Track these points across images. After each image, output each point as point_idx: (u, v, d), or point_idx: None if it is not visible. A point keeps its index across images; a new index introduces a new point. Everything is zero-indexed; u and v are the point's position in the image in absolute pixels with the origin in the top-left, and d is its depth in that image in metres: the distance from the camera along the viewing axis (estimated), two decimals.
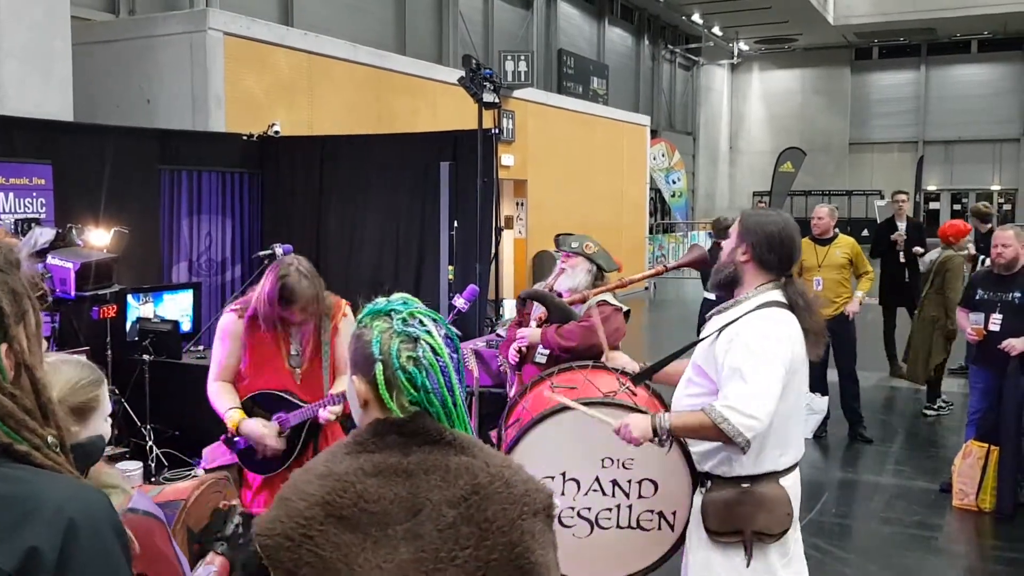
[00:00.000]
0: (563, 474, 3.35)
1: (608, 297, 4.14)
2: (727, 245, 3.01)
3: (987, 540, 5.39)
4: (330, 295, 3.61)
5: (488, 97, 7.01)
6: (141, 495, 1.77)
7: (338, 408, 3.46)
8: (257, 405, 3.54)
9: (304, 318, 3.49)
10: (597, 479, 3.32)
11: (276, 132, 8.85)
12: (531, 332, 4.23)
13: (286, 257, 3.54)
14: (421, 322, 1.59)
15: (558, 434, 3.37)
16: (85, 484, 1.15)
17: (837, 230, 7.34)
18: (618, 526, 3.34)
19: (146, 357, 6.09)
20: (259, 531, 1.50)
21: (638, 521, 3.30)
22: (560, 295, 4.28)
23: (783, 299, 2.89)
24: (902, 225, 9.20)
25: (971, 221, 9.49)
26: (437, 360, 1.57)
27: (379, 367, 1.55)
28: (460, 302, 4.64)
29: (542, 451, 3.36)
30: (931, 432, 7.59)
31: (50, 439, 1.12)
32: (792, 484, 2.93)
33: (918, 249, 9.02)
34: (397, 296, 1.66)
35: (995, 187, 32.99)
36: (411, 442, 1.54)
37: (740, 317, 2.83)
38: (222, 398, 3.54)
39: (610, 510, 3.33)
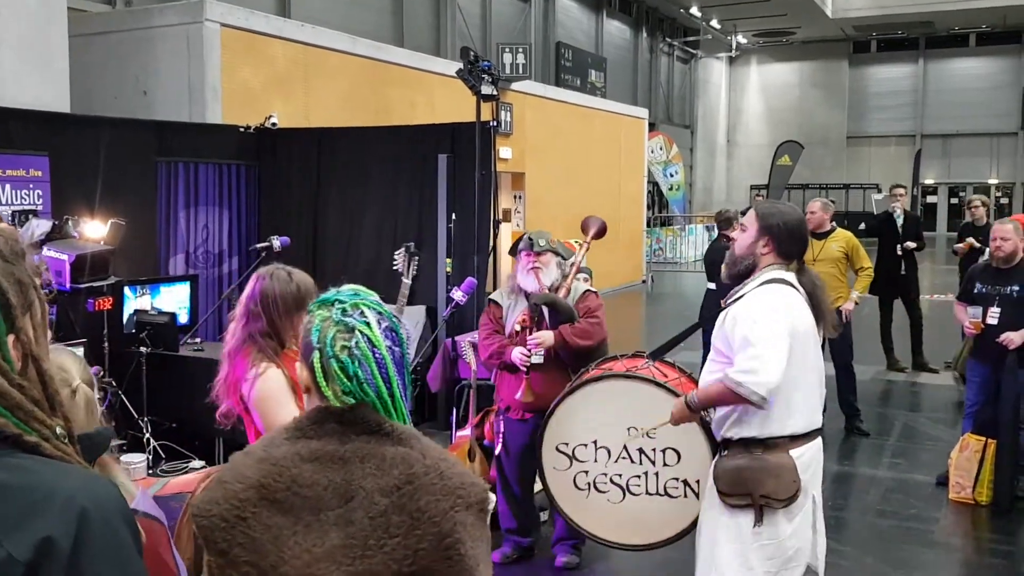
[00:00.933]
0: (595, 442, 3.74)
1: (586, 286, 4.53)
2: (744, 238, 3.18)
3: (983, 533, 5.41)
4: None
5: (486, 89, 6.98)
6: (143, 495, 1.76)
7: None
8: None
9: None
10: (625, 447, 3.65)
11: (273, 124, 8.83)
12: (545, 336, 4.32)
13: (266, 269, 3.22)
14: (362, 313, 1.61)
15: (587, 404, 3.78)
16: (95, 474, 1.15)
17: (834, 224, 7.32)
18: (647, 492, 3.65)
19: (143, 349, 6.08)
20: (195, 511, 1.51)
21: (665, 488, 3.63)
22: (550, 292, 4.42)
23: (786, 276, 3.10)
24: (900, 219, 9.20)
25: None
26: (372, 352, 1.58)
27: (316, 355, 1.58)
28: (458, 294, 4.65)
29: (575, 420, 3.80)
30: (928, 425, 7.60)
31: (58, 430, 1.12)
32: (802, 454, 3.07)
33: (909, 244, 9.03)
34: (348, 287, 1.69)
35: (992, 181, 33.02)
36: (350, 431, 1.56)
37: (744, 295, 3.07)
38: None
39: (639, 477, 3.64)
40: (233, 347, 2.89)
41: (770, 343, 2.92)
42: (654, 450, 3.60)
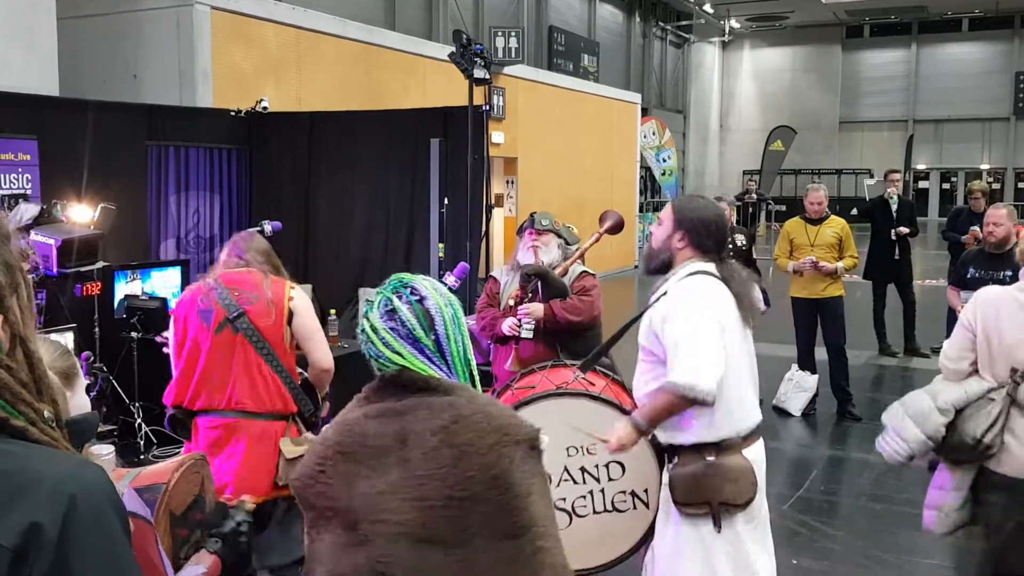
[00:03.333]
0: None
1: (585, 267, 4.49)
2: (659, 232, 3.13)
3: None
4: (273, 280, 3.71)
5: (479, 73, 6.95)
6: (131, 495, 1.74)
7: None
8: None
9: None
10: (566, 468, 3.41)
11: (264, 108, 8.78)
12: (534, 308, 4.29)
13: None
14: (373, 304, 1.86)
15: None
16: (84, 459, 1.14)
17: (828, 210, 7.36)
18: (595, 511, 3.44)
19: (134, 335, 6.05)
20: (294, 476, 1.81)
21: (613, 503, 3.41)
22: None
23: (708, 268, 3.03)
24: (894, 204, 9.20)
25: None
26: (376, 334, 1.83)
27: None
28: (451, 279, 4.63)
29: None
30: None
31: (46, 413, 1.11)
32: (756, 455, 3.02)
33: (902, 229, 9.04)
34: (394, 276, 1.93)
35: (984, 166, 33.07)
36: (405, 391, 1.80)
37: (668, 291, 2.99)
38: None
39: (584, 497, 3.43)
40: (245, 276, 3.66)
41: (705, 338, 2.85)
42: (596, 466, 3.40)
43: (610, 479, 3.38)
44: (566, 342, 4.24)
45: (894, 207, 9.17)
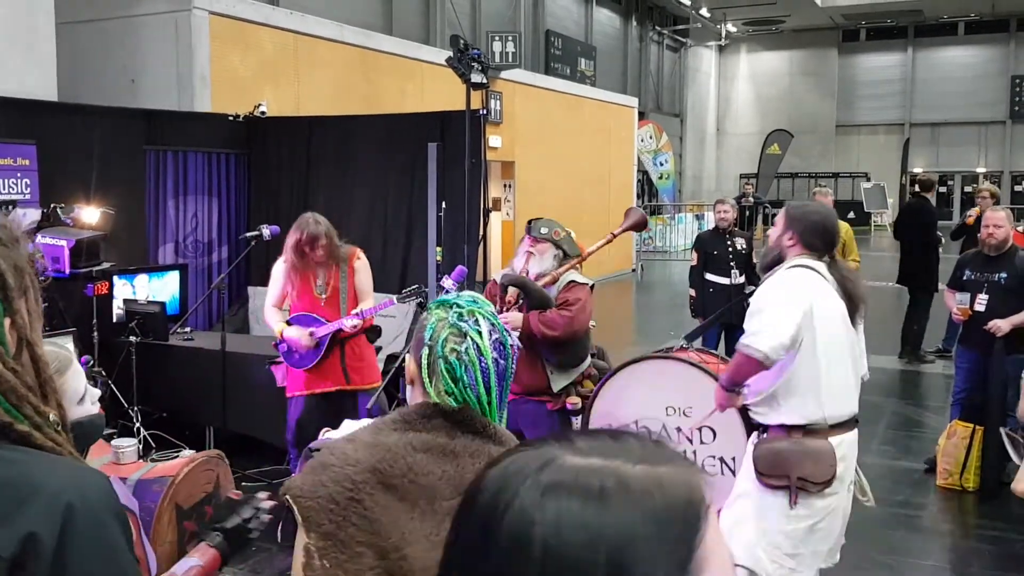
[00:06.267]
0: (636, 422, 3.85)
1: (576, 276, 4.37)
2: (774, 232, 3.41)
3: (971, 519, 5.45)
4: (344, 244, 5.07)
5: (476, 77, 6.96)
6: (118, 484, 1.75)
7: (355, 321, 4.91)
8: (299, 323, 5.00)
9: (324, 254, 4.90)
10: (664, 425, 3.80)
11: (262, 112, 8.79)
12: (513, 317, 4.24)
13: (304, 215, 4.99)
14: (477, 321, 1.67)
15: (628, 384, 3.97)
16: (84, 466, 1.14)
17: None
18: None
19: (133, 339, 6.06)
20: (300, 493, 1.55)
21: (703, 466, 3.61)
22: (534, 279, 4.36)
23: (810, 263, 3.25)
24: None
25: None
26: (479, 360, 1.64)
27: (425, 351, 1.65)
28: (448, 283, 4.64)
29: (617, 400, 3.99)
30: (916, 412, 7.64)
31: (52, 417, 1.12)
32: (842, 443, 3.18)
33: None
34: (468, 293, 1.75)
35: (981, 169, 33.11)
36: (456, 428, 1.63)
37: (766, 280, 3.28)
38: (273, 317, 5.10)
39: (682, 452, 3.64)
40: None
41: (777, 309, 3.10)
42: (691, 428, 3.74)
43: (702, 442, 3.71)
44: (549, 353, 4.21)
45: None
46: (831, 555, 3.33)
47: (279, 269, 5.10)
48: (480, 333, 1.66)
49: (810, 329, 3.11)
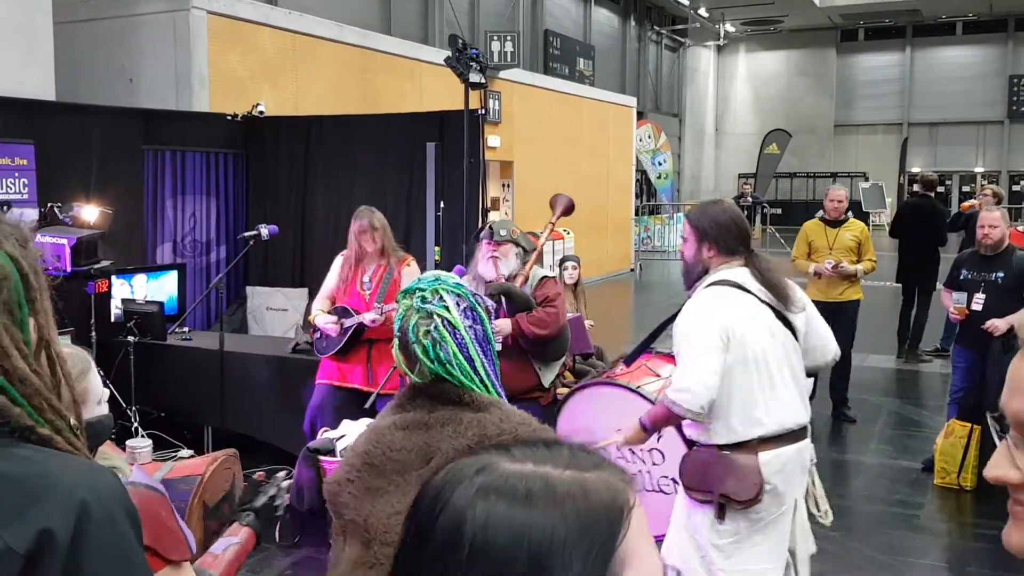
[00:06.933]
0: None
1: (543, 271, 4.56)
2: (688, 248, 3.20)
3: (968, 518, 5.46)
4: (400, 249, 5.25)
5: (474, 77, 6.97)
6: (139, 471, 1.77)
7: (375, 315, 4.89)
8: (336, 313, 5.09)
9: (377, 246, 5.03)
10: (617, 446, 3.59)
11: (261, 112, 8.79)
12: (502, 325, 4.32)
13: (360, 207, 5.23)
14: (441, 298, 1.74)
15: (580, 409, 4.05)
16: (97, 465, 1.15)
17: (850, 213, 7.32)
18: (645, 488, 3.60)
19: (131, 339, 6.06)
20: (326, 481, 1.79)
21: (659, 485, 3.58)
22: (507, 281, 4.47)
23: (730, 276, 3.08)
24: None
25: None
26: (453, 334, 1.72)
27: (396, 341, 1.78)
28: None
29: (570, 425, 4.08)
30: (914, 412, 7.65)
31: (72, 421, 1.12)
32: (771, 460, 3.01)
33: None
34: (429, 273, 1.85)
35: (979, 169, 33.14)
36: (436, 402, 1.74)
37: (685, 305, 3.12)
38: (317, 305, 5.22)
39: (638, 472, 3.57)
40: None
41: (697, 357, 2.96)
42: (641, 450, 3.69)
43: (654, 463, 3.62)
44: (535, 349, 4.31)
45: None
46: (802, 564, 3.18)
47: (338, 262, 5.24)
48: (447, 307, 1.73)
49: (734, 351, 2.97)
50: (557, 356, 4.46)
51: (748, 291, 3.06)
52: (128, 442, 2.29)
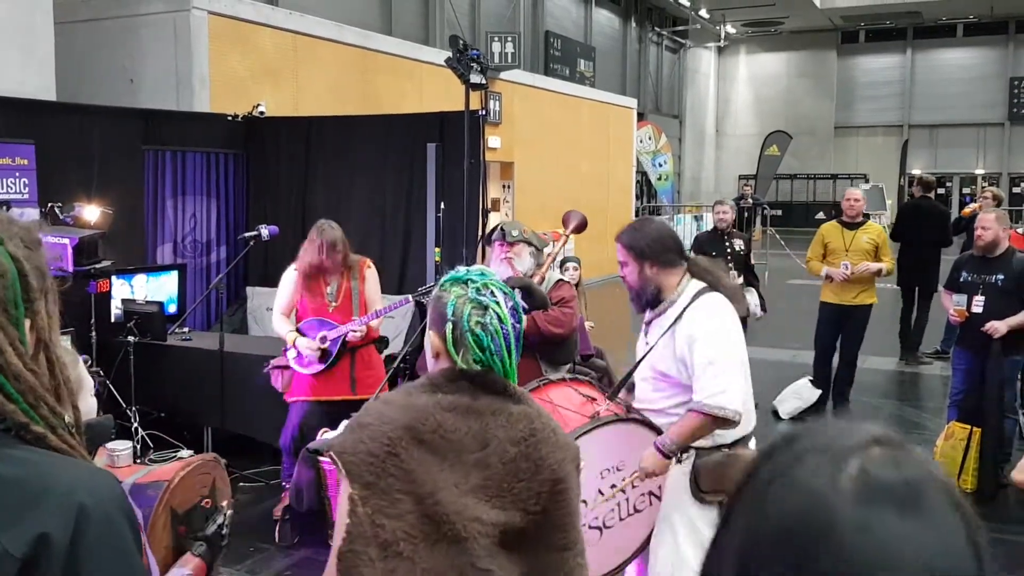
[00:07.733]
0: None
1: (558, 274, 4.65)
2: (630, 272, 3.24)
3: None
4: (355, 256, 5.19)
5: (475, 78, 6.96)
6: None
7: (362, 329, 4.97)
8: (301, 332, 5.08)
9: (338, 261, 5.02)
10: (599, 491, 3.41)
11: (261, 113, 8.79)
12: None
13: (319, 221, 5.18)
14: (492, 293, 1.85)
15: (590, 449, 3.58)
16: (95, 468, 1.14)
17: (867, 215, 7.31)
18: (621, 519, 3.54)
19: (131, 339, 6.06)
20: (342, 450, 1.75)
21: (635, 507, 3.46)
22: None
23: (700, 285, 3.16)
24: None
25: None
26: (501, 327, 1.83)
27: (449, 327, 1.83)
28: None
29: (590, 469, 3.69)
30: (913, 414, 7.65)
31: (67, 418, 1.12)
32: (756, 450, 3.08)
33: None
34: (476, 267, 1.93)
35: (979, 171, 33.15)
36: (479, 390, 1.82)
37: (682, 314, 3.09)
38: (282, 325, 5.16)
39: (613, 509, 3.52)
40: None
41: (731, 361, 3.02)
42: (624, 479, 3.41)
43: (634, 486, 3.47)
44: (545, 351, 4.29)
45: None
46: None
47: (289, 277, 5.18)
48: (498, 303, 1.84)
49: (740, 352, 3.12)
50: (567, 359, 4.46)
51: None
52: (107, 444, 2.26)
